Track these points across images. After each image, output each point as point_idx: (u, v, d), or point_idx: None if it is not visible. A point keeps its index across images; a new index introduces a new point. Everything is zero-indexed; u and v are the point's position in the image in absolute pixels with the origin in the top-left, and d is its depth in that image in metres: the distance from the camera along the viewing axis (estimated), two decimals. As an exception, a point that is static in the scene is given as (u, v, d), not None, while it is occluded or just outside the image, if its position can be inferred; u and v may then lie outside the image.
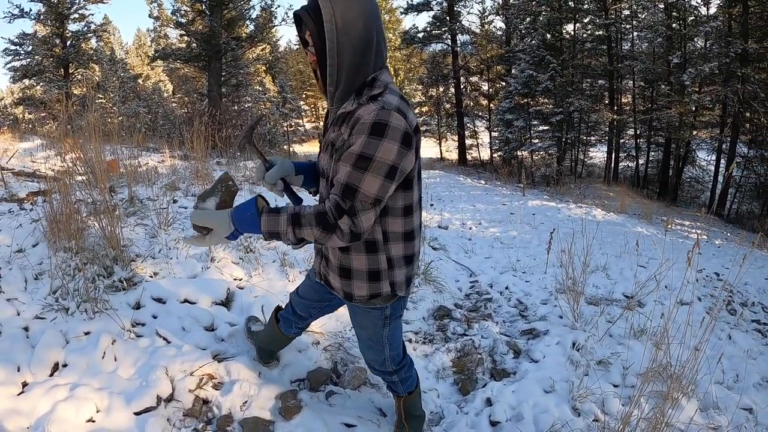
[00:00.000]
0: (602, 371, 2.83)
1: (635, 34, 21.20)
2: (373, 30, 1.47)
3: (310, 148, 29.21)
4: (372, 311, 1.76)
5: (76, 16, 18.16)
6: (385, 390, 2.52)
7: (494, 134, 24.75)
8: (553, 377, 2.71)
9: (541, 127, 20.83)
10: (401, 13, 26.48)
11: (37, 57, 18.02)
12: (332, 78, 1.48)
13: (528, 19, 21.29)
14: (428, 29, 24.71)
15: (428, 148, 28.24)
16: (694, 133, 19.40)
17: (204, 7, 16.34)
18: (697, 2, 18.78)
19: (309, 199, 5.57)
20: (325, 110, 1.72)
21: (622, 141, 22.16)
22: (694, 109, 18.32)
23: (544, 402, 2.52)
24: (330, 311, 2.14)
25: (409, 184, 1.55)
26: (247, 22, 18.82)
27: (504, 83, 22.82)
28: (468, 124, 26.52)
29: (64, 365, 2.16)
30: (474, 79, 26.78)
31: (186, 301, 2.81)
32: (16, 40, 17.54)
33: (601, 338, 3.17)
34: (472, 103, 26.62)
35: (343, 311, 2.16)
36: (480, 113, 27.28)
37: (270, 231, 1.50)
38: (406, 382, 2.13)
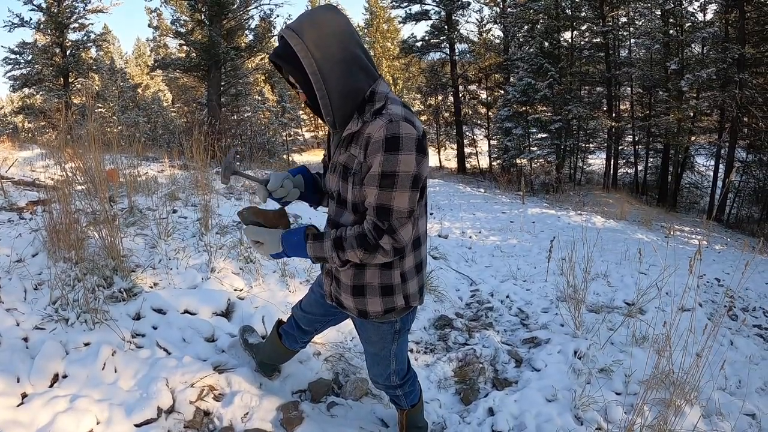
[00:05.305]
0: (604, 379, 2.81)
1: (633, 41, 21.35)
2: (353, 47, 1.43)
3: (309, 158, 29.28)
4: (382, 325, 1.75)
5: (76, 25, 18.31)
6: (387, 401, 2.51)
7: (493, 142, 24.89)
8: (556, 386, 2.70)
9: (539, 135, 20.92)
10: (399, 23, 26.66)
11: (36, 66, 18.12)
12: (327, 109, 1.45)
13: (526, 27, 21.42)
14: (426, 38, 24.89)
15: (427, 157, 28.25)
16: (693, 138, 19.49)
17: (203, 17, 16.46)
18: (693, 8, 18.95)
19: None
20: (326, 128, 1.69)
21: (620, 148, 22.25)
22: (692, 114, 18.43)
23: (547, 411, 2.50)
24: (334, 324, 2.13)
25: (422, 191, 1.53)
26: (247, 31, 18.96)
27: (502, 91, 22.93)
28: (467, 133, 26.63)
29: (64, 376, 2.14)
30: (472, 87, 26.94)
31: (186, 311, 2.80)
32: (16, 49, 17.65)
33: (602, 346, 3.15)
34: (470, 112, 26.74)
35: (346, 321, 2.15)
36: (479, 121, 27.40)
37: (317, 256, 1.55)
38: (409, 395, 2.12)
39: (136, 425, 1.98)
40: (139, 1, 30.83)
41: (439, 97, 27.54)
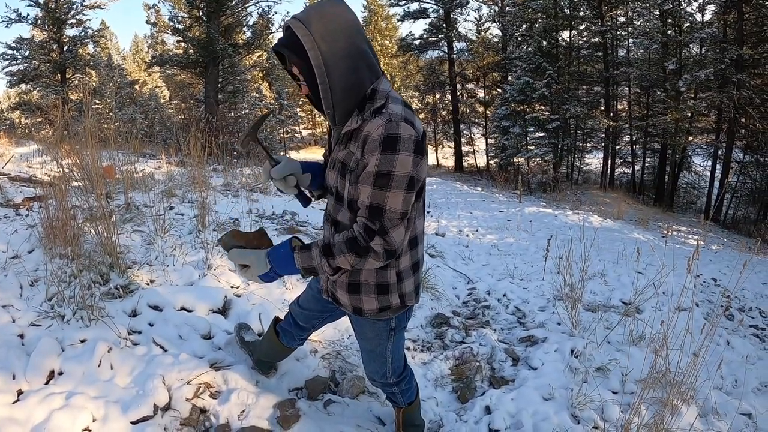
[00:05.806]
0: (601, 378, 2.82)
1: (631, 40, 21.38)
2: (359, 42, 1.42)
3: (307, 155, 29.20)
4: (378, 322, 1.75)
5: (74, 21, 18.19)
6: (384, 399, 2.50)
7: (490, 141, 24.92)
8: (552, 384, 2.70)
9: (537, 134, 20.94)
10: (398, 21, 26.58)
11: (34, 62, 18.00)
12: (328, 102, 1.44)
13: (524, 26, 21.43)
14: (425, 36, 24.89)
15: (425, 155, 28.28)
16: (690, 139, 19.52)
17: (201, 13, 16.38)
18: (692, 9, 18.99)
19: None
20: (324, 121, 1.67)
21: (618, 147, 22.26)
22: (689, 115, 18.46)
23: (544, 410, 2.50)
24: (331, 321, 2.13)
25: (420, 192, 1.52)
26: (244, 28, 18.91)
27: (500, 90, 22.94)
28: (464, 131, 26.63)
29: (60, 373, 2.13)
30: (470, 86, 26.93)
31: (183, 308, 2.79)
32: (14, 44, 17.51)
33: (599, 345, 3.16)
34: (468, 110, 26.72)
35: (343, 319, 2.15)
36: (476, 120, 27.38)
37: (306, 266, 1.52)
38: (406, 393, 2.12)
39: (132, 422, 1.97)
40: (136, -3, 30.71)
41: (437, 96, 27.50)
